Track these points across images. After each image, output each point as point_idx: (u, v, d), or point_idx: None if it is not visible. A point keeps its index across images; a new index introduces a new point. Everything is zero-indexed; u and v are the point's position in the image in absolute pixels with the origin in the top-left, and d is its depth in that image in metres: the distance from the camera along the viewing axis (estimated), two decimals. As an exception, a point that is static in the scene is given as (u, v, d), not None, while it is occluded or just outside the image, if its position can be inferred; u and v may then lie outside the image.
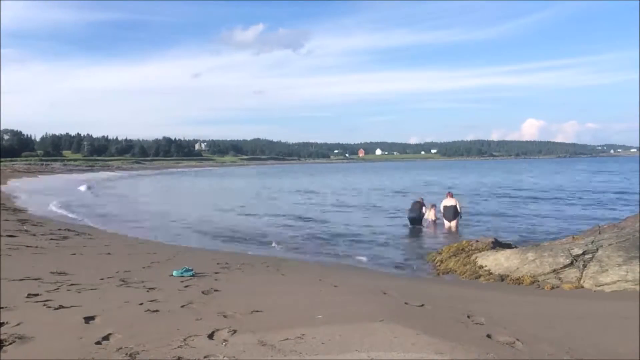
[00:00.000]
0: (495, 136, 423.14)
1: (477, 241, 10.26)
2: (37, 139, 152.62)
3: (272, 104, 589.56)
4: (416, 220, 15.72)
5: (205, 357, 3.70)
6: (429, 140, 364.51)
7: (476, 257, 9.17)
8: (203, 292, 6.06)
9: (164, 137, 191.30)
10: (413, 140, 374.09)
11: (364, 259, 10.94)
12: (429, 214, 16.10)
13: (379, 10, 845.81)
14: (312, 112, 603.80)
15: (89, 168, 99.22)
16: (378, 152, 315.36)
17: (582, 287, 7.27)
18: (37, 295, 5.53)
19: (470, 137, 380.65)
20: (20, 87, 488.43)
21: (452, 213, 15.18)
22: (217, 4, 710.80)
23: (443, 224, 15.47)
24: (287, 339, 4.10)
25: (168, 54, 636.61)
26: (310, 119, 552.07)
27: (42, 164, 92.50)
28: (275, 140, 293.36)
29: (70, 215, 18.98)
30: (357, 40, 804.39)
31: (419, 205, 15.92)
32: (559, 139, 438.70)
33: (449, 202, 15.46)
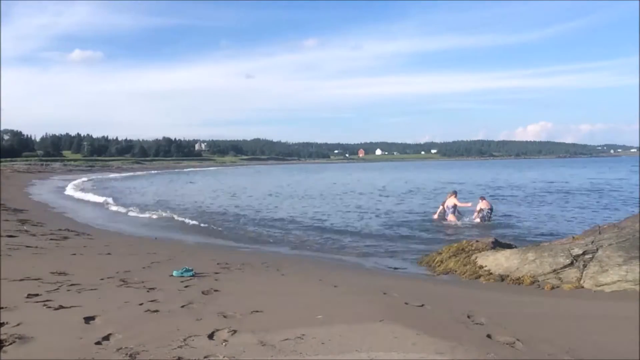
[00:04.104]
0: (501, 137, 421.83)
1: (477, 241, 10.25)
2: (37, 139, 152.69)
3: (298, 105, 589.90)
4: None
5: (205, 357, 3.71)
6: (433, 140, 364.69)
7: (476, 257, 9.16)
8: (203, 292, 6.06)
9: (164, 137, 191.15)
10: (424, 140, 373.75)
11: (363, 258, 10.92)
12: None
13: (426, 14, 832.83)
14: (335, 113, 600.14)
15: (89, 168, 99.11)
16: (378, 152, 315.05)
17: (582, 287, 7.26)
18: (37, 295, 5.53)
19: (478, 137, 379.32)
20: (54, 89, 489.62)
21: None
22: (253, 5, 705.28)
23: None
24: (287, 339, 4.11)
25: (190, 59, 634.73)
26: (332, 120, 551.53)
27: (42, 164, 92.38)
28: (275, 140, 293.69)
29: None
30: (398, 44, 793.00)
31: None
32: (562, 139, 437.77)
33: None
